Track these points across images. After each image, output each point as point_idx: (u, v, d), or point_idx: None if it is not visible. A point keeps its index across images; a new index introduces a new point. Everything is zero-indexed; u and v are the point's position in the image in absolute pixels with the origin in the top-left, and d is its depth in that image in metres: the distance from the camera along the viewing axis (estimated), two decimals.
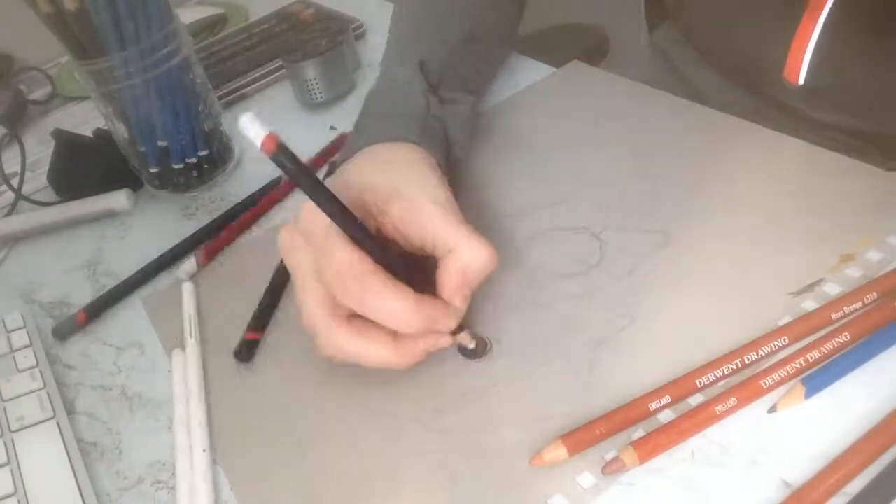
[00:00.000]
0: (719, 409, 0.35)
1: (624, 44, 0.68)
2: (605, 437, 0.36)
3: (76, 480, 0.41)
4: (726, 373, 0.37)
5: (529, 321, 0.43)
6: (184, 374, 0.46)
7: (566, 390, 0.39)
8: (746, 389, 0.36)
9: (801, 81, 0.54)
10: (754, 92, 0.60)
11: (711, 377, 0.37)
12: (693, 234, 0.46)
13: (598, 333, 0.41)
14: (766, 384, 0.36)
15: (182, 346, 0.47)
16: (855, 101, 0.54)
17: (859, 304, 0.38)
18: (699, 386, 0.37)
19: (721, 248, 0.44)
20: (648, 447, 0.35)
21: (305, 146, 0.61)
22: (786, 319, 0.39)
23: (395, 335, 0.39)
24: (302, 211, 0.39)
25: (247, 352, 0.46)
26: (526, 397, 0.40)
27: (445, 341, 0.40)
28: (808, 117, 0.57)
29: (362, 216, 0.38)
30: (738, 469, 0.34)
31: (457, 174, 0.52)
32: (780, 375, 0.36)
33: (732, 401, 0.35)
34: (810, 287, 0.40)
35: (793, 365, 0.36)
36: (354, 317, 0.39)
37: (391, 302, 0.37)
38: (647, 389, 0.38)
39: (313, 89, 0.67)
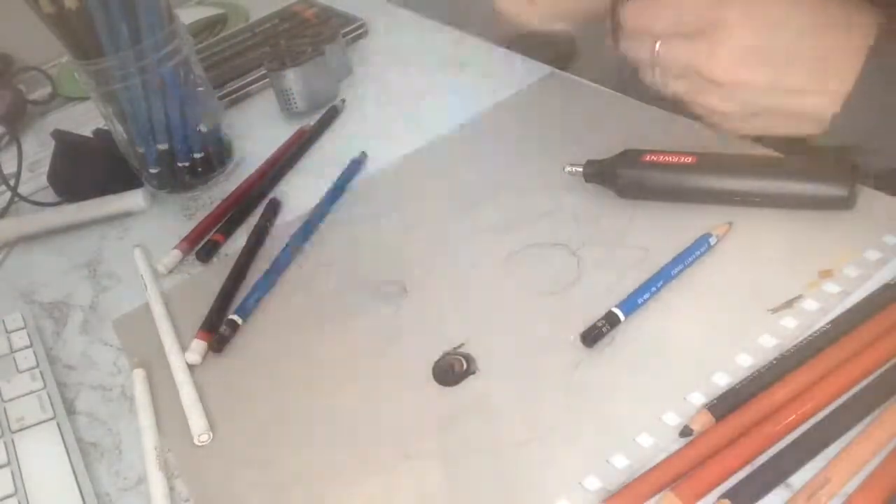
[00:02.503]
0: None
1: (592, 49, 0.68)
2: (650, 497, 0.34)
3: (76, 481, 0.41)
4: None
5: (506, 341, 0.43)
6: (146, 391, 0.45)
7: (544, 412, 0.39)
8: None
9: None
10: None
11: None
12: (672, 249, 0.45)
13: (576, 354, 0.41)
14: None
15: (142, 366, 0.47)
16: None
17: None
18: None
19: (700, 265, 0.43)
20: (693, 491, 0.33)
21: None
22: (765, 337, 0.39)
23: None
24: None
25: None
26: (504, 420, 0.39)
27: None
28: None
29: None
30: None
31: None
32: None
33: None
34: (789, 304, 0.40)
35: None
36: None
37: None
38: (628, 410, 0.37)
39: (290, 99, 0.66)
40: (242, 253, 0.53)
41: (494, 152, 0.57)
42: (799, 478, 0.33)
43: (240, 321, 0.48)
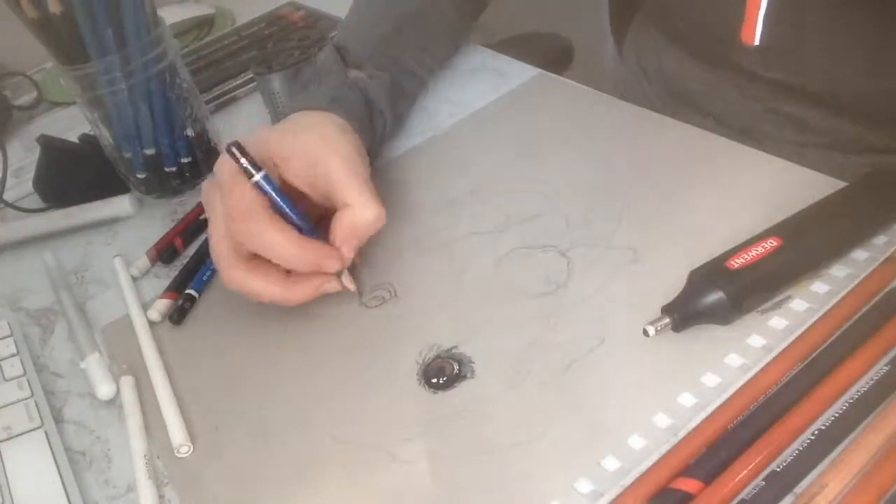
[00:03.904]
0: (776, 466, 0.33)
1: (588, 52, 0.68)
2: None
3: (65, 490, 0.40)
4: (753, 410, 0.36)
5: (497, 344, 0.43)
6: (135, 398, 0.45)
7: (535, 414, 0.39)
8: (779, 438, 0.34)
9: (756, 42, 0.54)
10: (717, 63, 0.61)
11: (740, 417, 0.36)
12: (661, 250, 0.45)
13: (567, 355, 0.41)
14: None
15: (131, 373, 0.47)
16: (809, 60, 0.55)
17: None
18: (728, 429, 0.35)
19: (689, 264, 0.43)
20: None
21: None
22: (754, 337, 0.39)
23: (287, 275, 0.45)
24: (216, 164, 0.45)
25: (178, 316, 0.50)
26: (495, 423, 0.39)
27: (332, 285, 0.45)
28: (765, 80, 0.58)
29: (271, 172, 0.44)
30: None
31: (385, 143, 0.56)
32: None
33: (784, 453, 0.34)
34: (778, 304, 0.40)
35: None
36: (255, 257, 0.44)
37: (276, 238, 0.42)
38: (619, 412, 0.37)
39: (278, 102, 0.66)
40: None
41: (484, 153, 0.57)
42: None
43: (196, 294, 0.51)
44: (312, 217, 0.47)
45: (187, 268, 0.53)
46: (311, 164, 0.45)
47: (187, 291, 0.51)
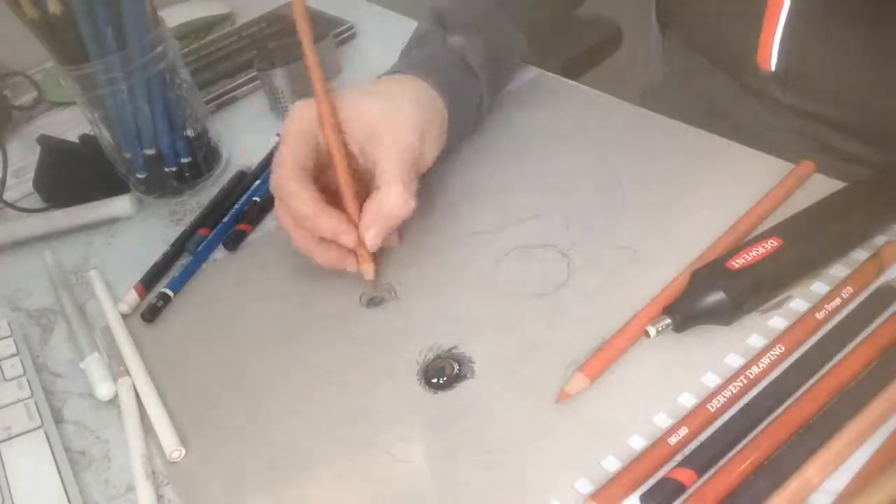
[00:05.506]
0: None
1: (637, 37, 0.66)
2: (637, 486, 0.34)
3: (65, 490, 0.40)
4: (735, 392, 0.36)
5: (497, 344, 0.43)
6: (132, 399, 0.45)
7: (535, 415, 0.39)
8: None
9: (772, 68, 0.54)
10: (738, 80, 0.60)
11: (721, 399, 0.36)
12: (661, 250, 0.45)
13: (567, 355, 0.41)
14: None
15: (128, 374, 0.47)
16: (824, 87, 0.54)
17: (838, 301, 0.39)
18: (712, 411, 0.36)
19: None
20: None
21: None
22: (754, 337, 0.39)
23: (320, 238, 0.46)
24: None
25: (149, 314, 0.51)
26: (495, 423, 0.39)
27: (349, 262, 0.46)
28: (785, 105, 0.57)
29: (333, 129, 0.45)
30: None
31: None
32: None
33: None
34: (778, 304, 0.40)
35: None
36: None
37: (297, 202, 0.44)
38: (619, 412, 0.38)
39: (281, 97, 0.67)
40: (198, 217, 0.57)
41: (484, 153, 0.57)
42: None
43: (171, 293, 0.52)
44: (361, 183, 0.47)
45: (161, 261, 0.55)
46: (364, 134, 0.46)
47: (162, 290, 0.51)
